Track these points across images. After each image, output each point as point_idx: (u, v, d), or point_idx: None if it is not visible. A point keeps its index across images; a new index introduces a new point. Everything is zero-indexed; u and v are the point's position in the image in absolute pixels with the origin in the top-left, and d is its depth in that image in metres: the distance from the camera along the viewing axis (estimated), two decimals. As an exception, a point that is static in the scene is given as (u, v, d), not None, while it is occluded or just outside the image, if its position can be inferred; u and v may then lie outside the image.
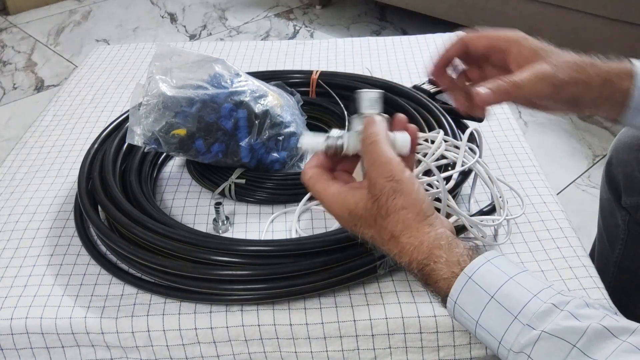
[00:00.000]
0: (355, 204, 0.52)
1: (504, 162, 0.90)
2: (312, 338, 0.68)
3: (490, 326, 0.47)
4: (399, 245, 0.51)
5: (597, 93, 0.59)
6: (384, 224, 0.51)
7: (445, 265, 0.49)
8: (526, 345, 0.44)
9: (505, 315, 0.46)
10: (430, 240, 0.50)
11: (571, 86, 0.58)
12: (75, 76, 1.20)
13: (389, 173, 0.51)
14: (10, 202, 0.86)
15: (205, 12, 2.67)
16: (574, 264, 0.73)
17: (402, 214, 0.50)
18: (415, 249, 0.50)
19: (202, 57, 0.86)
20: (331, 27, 2.48)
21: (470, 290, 0.48)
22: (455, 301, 0.49)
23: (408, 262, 0.51)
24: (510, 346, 0.46)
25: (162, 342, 0.68)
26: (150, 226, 0.71)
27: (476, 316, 0.48)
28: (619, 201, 0.89)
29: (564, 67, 0.59)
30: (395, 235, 0.51)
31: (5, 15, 2.68)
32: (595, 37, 1.81)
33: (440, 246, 0.50)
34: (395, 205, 0.50)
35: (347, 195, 0.53)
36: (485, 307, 0.47)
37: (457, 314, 0.50)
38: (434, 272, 0.50)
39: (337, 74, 1.04)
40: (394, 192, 0.50)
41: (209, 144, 0.82)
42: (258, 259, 0.68)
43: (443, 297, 0.51)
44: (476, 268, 0.48)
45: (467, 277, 0.48)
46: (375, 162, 0.52)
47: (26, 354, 0.69)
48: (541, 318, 0.45)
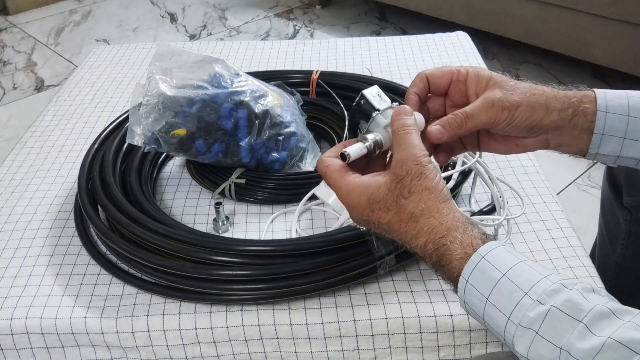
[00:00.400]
0: (378, 187, 0.54)
1: (504, 162, 0.90)
2: (312, 338, 0.68)
3: (500, 302, 0.48)
4: (417, 226, 0.53)
5: (558, 117, 0.58)
6: (405, 203, 0.53)
7: (459, 246, 0.51)
8: (535, 320, 0.46)
9: (516, 291, 0.47)
10: (448, 221, 0.52)
11: (526, 109, 0.58)
12: (75, 76, 1.20)
13: (417, 158, 0.54)
14: (10, 202, 0.86)
15: (205, 12, 2.67)
16: (574, 264, 0.73)
17: (425, 194, 0.53)
18: (433, 229, 0.52)
19: (202, 57, 0.86)
20: (331, 27, 2.48)
21: (482, 269, 0.49)
22: (467, 279, 0.50)
23: (424, 242, 0.52)
24: (519, 321, 0.47)
25: (162, 342, 0.68)
26: (150, 226, 0.71)
27: (487, 293, 0.49)
28: (621, 201, 0.89)
29: (517, 92, 0.58)
30: (416, 215, 0.53)
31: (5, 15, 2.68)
32: (595, 37, 1.80)
33: (457, 227, 0.51)
34: (420, 186, 0.53)
35: (370, 181, 0.55)
36: (497, 284, 0.48)
37: (468, 294, 0.51)
38: (449, 252, 0.51)
39: (337, 74, 1.04)
40: (420, 174, 0.53)
41: (209, 144, 0.82)
42: (258, 259, 0.68)
43: (455, 278, 0.52)
44: (489, 249, 0.50)
45: (481, 257, 0.49)
46: (407, 147, 0.54)
47: (26, 354, 0.69)
48: (551, 295, 0.46)
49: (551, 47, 1.93)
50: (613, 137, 0.58)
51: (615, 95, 0.59)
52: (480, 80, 0.60)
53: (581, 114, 0.58)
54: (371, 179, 0.55)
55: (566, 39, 1.88)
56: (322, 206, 0.83)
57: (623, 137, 0.58)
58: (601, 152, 0.59)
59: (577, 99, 0.58)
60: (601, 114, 0.58)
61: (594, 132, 0.58)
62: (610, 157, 0.60)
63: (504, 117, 0.58)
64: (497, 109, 0.58)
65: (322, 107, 0.97)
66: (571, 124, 0.59)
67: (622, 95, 0.59)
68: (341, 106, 0.94)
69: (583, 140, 0.59)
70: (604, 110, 0.58)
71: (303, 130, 0.88)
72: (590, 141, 0.59)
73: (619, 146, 0.59)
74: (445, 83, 0.62)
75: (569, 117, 0.58)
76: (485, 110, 0.58)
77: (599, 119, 0.58)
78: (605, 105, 0.58)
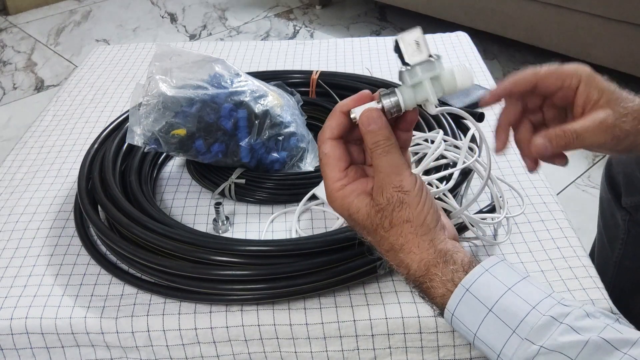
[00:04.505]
0: (357, 210, 0.51)
1: (504, 162, 0.90)
2: (312, 338, 0.68)
3: (488, 339, 0.46)
4: (397, 259, 0.51)
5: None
6: (385, 235, 0.50)
7: (440, 284, 0.49)
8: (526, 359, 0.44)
9: (504, 328, 0.45)
10: (428, 257, 0.49)
11: (632, 136, 0.55)
12: (75, 76, 1.20)
13: (399, 183, 0.49)
14: (10, 202, 0.86)
15: (205, 12, 2.67)
16: (574, 264, 0.73)
17: (406, 227, 0.49)
18: (412, 265, 0.50)
19: (202, 57, 0.87)
20: (331, 27, 2.48)
21: (467, 303, 0.47)
22: (452, 313, 0.48)
23: (405, 275, 0.51)
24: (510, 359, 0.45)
25: (162, 342, 0.68)
26: (150, 226, 0.71)
27: (474, 329, 0.47)
28: (619, 201, 0.89)
29: (629, 118, 0.55)
30: (395, 248, 0.50)
31: (5, 15, 2.68)
32: (595, 37, 1.80)
33: (437, 264, 0.49)
34: (400, 217, 0.49)
35: (349, 199, 0.51)
36: (483, 321, 0.46)
37: (455, 326, 0.49)
38: (430, 289, 0.49)
39: (337, 74, 1.04)
40: (401, 204, 0.49)
41: (209, 144, 0.82)
42: (258, 259, 0.68)
43: (441, 310, 0.50)
44: (474, 280, 0.48)
45: (465, 290, 0.47)
46: (385, 170, 0.50)
47: (26, 354, 0.69)
48: (540, 332, 0.44)
49: (551, 47, 1.93)
50: None
51: None
52: (591, 92, 0.56)
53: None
54: (351, 198, 0.51)
55: (566, 39, 1.88)
56: (322, 206, 0.83)
57: None
58: None
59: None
60: None
61: None
62: None
63: (609, 143, 0.55)
64: (608, 136, 0.54)
65: (322, 107, 0.97)
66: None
67: None
68: (341, 106, 0.94)
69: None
70: None
71: (303, 130, 0.88)
72: None
73: None
74: (555, 87, 0.56)
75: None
76: (596, 134, 0.54)
77: None
78: None
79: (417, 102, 0.50)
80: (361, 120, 0.50)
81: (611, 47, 1.79)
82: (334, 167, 0.51)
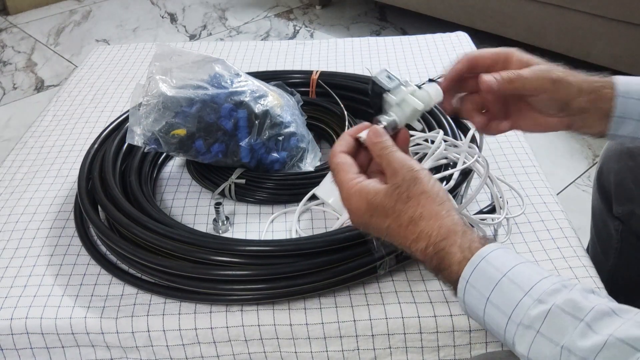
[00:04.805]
0: (376, 192, 0.55)
1: (504, 162, 0.90)
2: (312, 338, 0.68)
3: (500, 302, 0.49)
4: (417, 229, 0.53)
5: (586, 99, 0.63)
6: (404, 208, 0.53)
7: (459, 250, 0.51)
8: (536, 318, 0.46)
9: (517, 290, 0.48)
10: (447, 224, 0.52)
11: (566, 84, 0.62)
12: (75, 76, 1.20)
13: (409, 166, 0.55)
14: (10, 202, 0.86)
15: (205, 12, 2.67)
16: (574, 264, 0.73)
17: (422, 197, 0.53)
18: (433, 232, 0.52)
19: (202, 57, 0.87)
20: (331, 27, 2.48)
21: (482, 270, 0.50)
22: (467, 280, 0.50)
23: (424, 246, 0.53)
24: (520, 320, 0.47)
25: (162, 342, 0.68)
26: (150, 226, 0.71)
27: (487, 293, 0.49)
28: (611, 211, 0.89)
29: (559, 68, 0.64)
30: (415, 219, 0.53)
31: (5, 15, 2.68)
32: (595, 37, 1.80)
33: (456, 231, 0.52)
34: (417, 191, 0.53)
35: (369, 187, 0.56)
36: (497, 284, 0.49)
37: (467, 295, 0.51)
38: (449, 255, 0.51)
39: (337, 74, 1.04)
40: (415, 180, 0.54)
41: (209, 144, 0.82)
42: (258, 259, 0.68)
43: (454, 281, 0.52)
44: (489, 251, 0.50)
45: (481, 258, 0.50)
46: (396, 161, 0.56)
47: (26, 354, 0.69)
48: (552, 294, 0.47)
49: (551, 47, 1.93)
50: (631, 120, 0.63)
51: (633, 82, 0.64)
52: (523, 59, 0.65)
53: (603, 99, 0.63)
54: (370, 185, 0.56)
55: (566, 39, 1.88)
56: (322, 206, 0.83)
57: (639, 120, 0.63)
58: (619, 133, 0.64)
59: (600, 84, 0.64)
60: (620, 99, 0.63)
61: (613, 116, 0.63)
62: (628, 137, 0.65)
63: (547, 87, 0.62)
64: (547, 79, 0.62)
65: (322, 107, 0.97)
66: (595, 107, 0.63)
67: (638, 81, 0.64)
68: (341, 106, 0.94)
69: (603, 123, 0.64)
70: (623, 95, 0.63)
71: (303, 130, 0.88)
72: (609, 124, 0.63)
73: (637, 128, 0.63)
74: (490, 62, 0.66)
75: (593, 101, 0.63)
76: (536, 76, 0.62)
77: (618, 104, 0.63)
78: (625, 91, 0.63)
79: (406, 115, 0.61)
80: (369, 135, 0.58)
81: (611, 47, 1.79)
82: (347, 171, 0.57)
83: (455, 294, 0.52)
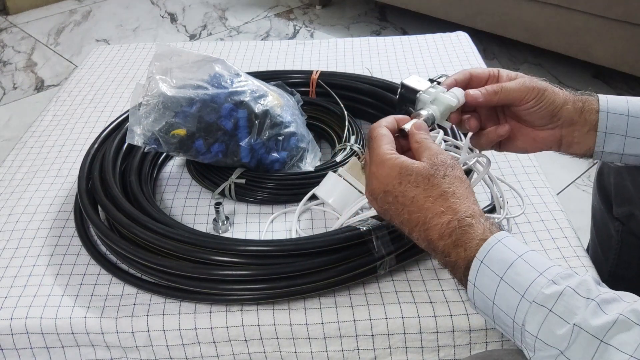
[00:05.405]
0: (412, 163, 0.57)
1: (504, 162, 0.90)
2: (312, 338, 0.68)
3: (514, 280, 0.50)
4: (446, 204, 0.55)
5: (573, 109, 0.66)
6: (439, 182, 0.56)
7: (482, 228, 0.54)
8: (549, 297, 0.48)
9: (532, 270, 0.50)
10: (474, 208, 0.55)
11: (551, 94, 0.65)
12: (75, 76, 1.20)
13: (448, 154, 0.59)
14: (10, 202, 0.86)
15: (205, 12, 2.67)
16: (574, 264, 0.73)
17: (457, 181, 0.57)
18: (460, 209, 0.55)
19: (202, 57, 0.86)
20: (331, 27, 2.48)
21: (499, 250, 0.52)
22: (482, 260, 0.52)
23: (448, 221, 0.54)
24: (534, 298, 0.48)
25: (162, 342, 0.68)
26: (150, 226, 0.71)
27: (501, 273, 0.51)
28: (611, 212, 0.89)
29: (543, 82, 0.67)
30: (447, 194, 0.56)
31: (5, 15, 2.68)
32: (595, 37, 1.80)
33: (482, 215, 0.56)
34: (453, 174, 0.57)
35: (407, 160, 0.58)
36: (512, 264, 0.51)
37: (480, 275, 0.52)
38: (472, 230, 0.53)
39: (337, 74, 1.04)
40: (454, 166, 0.58)
41: (209, 144, 0.82)
42: (258, 259, 0.68)
43: (469, 259, 0.53)
44: (503, 236, 0.53)
45: (497, 240, 0.52)
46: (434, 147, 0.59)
47: (26, 354, 0.69)
48: (565, 278, 0.49)
49: (551, 47, 1.93)
50: (616, 135, 0.65)
51: (615, 99, 0.66)
52: (510, 74, 0.69)
53: (589, 111, 0.66)
54: (407, 159, 0.58)
55: (566, 39, 1.88)
56: (322, 206, 0.83)
57: (624, 135, 0.65)
58: (606, 150, 0.66)
59: (584, 98, 0.67)
60: (603, 114, 0.65)
61: (598, 131, 0.65)
62: (616, 154, 0.67)
63: (533, 95, 0.65)
64: (529, 88, 0.65)
65: (322, 107, 0.97)
66: (582, 119, 0.66)
67: (622, 99, 0.66)
68: (341, 106, 0.94)
69: (590, 139, 0.66)
70: (606, 110, 0.65)
71: (303, 130, 0.88)
72: (596, 139, 0.66)
73: (622, 144, 0.65)
74: (484, 79, 0.69)
75: (580, 111, 0.66)
76: (518, 86, 0.65)
77: (602, 119, 0.65)
78: (607, 107, 0.65)
79: (440, 112, 0.65)
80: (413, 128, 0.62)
81: (611, 47, 1.79)
82: (387, 143, 0.60)
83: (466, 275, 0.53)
